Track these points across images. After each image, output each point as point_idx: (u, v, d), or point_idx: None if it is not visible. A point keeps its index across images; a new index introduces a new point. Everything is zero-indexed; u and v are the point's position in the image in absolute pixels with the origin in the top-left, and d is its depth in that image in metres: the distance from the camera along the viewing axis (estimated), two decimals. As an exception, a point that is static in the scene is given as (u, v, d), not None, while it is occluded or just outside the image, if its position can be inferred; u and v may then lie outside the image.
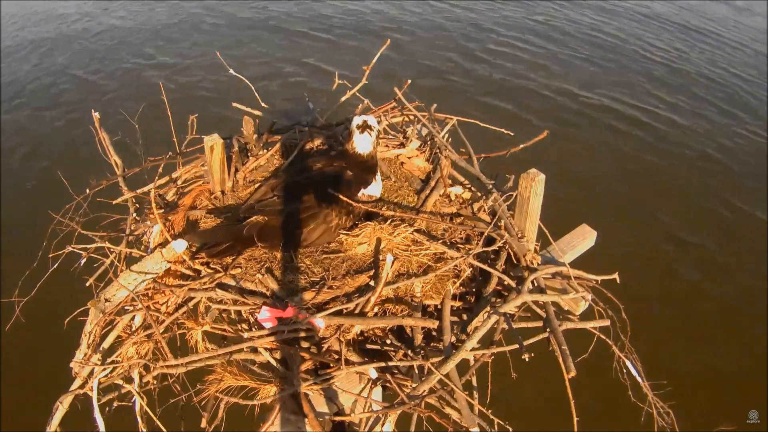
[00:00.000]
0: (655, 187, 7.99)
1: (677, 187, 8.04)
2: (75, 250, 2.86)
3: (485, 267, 2.57)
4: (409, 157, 3.37)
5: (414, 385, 2.21)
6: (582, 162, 8.28)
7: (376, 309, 2.43)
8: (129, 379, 2.50)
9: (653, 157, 8.52)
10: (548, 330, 2.41)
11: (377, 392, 2.54)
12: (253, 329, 2.47)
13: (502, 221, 2.78)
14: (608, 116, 9.38)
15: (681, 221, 7.46)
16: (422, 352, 2.31)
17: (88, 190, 3.23)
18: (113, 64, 10.51)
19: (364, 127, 2.89)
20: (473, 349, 2.28)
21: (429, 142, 3.41)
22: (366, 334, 2.50)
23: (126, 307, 2.60)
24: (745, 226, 7.45)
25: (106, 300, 2.54)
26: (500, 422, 2.21)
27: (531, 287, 2.51)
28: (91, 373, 2.50)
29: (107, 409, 2.53)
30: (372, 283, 2.47)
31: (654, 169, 8.32)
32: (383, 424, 2.35)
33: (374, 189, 2.97)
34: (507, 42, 11.46)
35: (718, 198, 7.90)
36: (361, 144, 2.91)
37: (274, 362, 2.37)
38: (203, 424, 2.39)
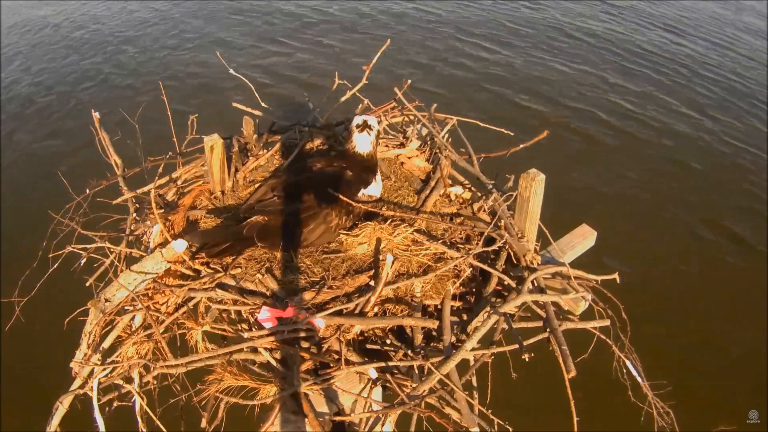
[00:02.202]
0: (655, 186, 7.99)
1: (677, 188, 8.04)
2: (75, 250, 2.86)
3: (485, 267, 2.57)
4: (409, 157, 3.37)
5: (414, 385, 2.21)
6: (582, 162, 8.27)
7: (376, 309, 2.43)
8: (129, 379, 2.50)
9: (654, 157, 8.52)
10: (548, 330, 2.41)
11: (377, 392, 2.54)
12: (253, 329, 2.47)
13: (502, 221, 2.78)
14: (609, 116, 9.38)
15: (680, 219, 7.46)
16: (422, 352, 2.31)
17: (88, 190, 3.23)
18: (113, 64, 10.51)
19: (364, 126, 2.90)
20: (473, 349, 2.28)
21: (429, 142, 3.41)
22: (366, 334, 2.50)
23: (126, 307, 2.60)
24: (745, 226, 7.45)
25: (106, 300, 2.54)
26: (500, 422, 2.21)
27: (531, 287, 2.51)
28: (91, 373, 2.50)
29: (107, 409, 2.53)
30: (372, 283, 2.47)
31: (654, 168, 8.32)
32: (383, 424, 2.35)
33: (374, 189, 2.97)
34: (507, 43, 11.46)
35: (719, 197, 7.90)
36: (360, 143, 2.92)
37: (274, 362, 2.37)
38: (203, 424, 2.39)
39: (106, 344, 2.54)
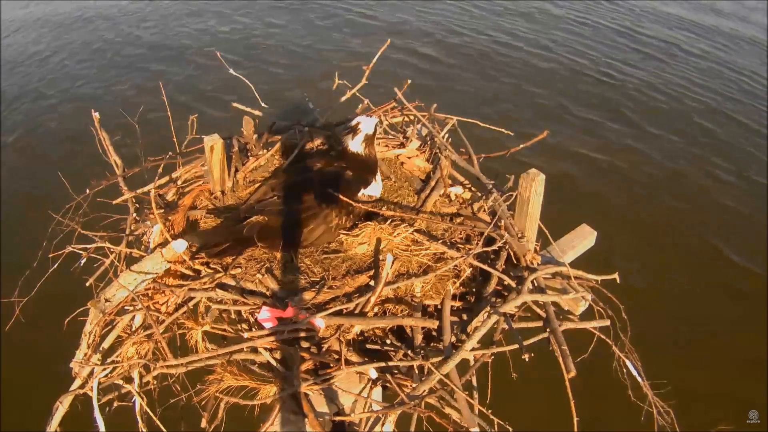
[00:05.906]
0: (655, 187, 7.99)
1: (677, 188, 8.04)
2: (75, 250, 2.86)
3: (485, 267, 2.57)
4: (409, 157, 3.37)
5: (414, 385, 2.21)
6: (583, 162, 8.28)
7: (376, 309, 2.43)
8: (129, 379, 2.50)
9: (654, 157, 8.53)
10: (548, 330, 2.41)
11: (377, 392, 2.54)
12: (253, 329, 2.47)
13: (502, 221, 2.78)
14: (609, 116, 9.38)
15: (679, 219, 7.47)
16: (422, 352, 2.31)
17: (88, 190, 3.23)
18: (114, 64, 10.51)
19: (350, 130, 2.94)
20: (473, 349, 2.28)
21: (429, 142, 3.40)
22: (366, 334, 2.50)
23: (126, 307, 2.60)
24: (744, 224, 7.45)
25: (106, 300, 2.54)
26: (500, 422, 2.21)
27: (531, 287, 2.51)
28: (91, 373, 2.50)
29: (107, 409, 2.53)
30: (372, 283, 2.46)
31: (654, 168, 8.32)
32: (383, 424, 2.35)
33: (374, 189, 2.97)
34: (507, 42, 11.47)
35: (718, 197, 7.90)
36: (353, 145, 2.95)
37: (274, 362, 2.37)
38: (203, 424, 2.39)
39: (106, 344, 2.54)
